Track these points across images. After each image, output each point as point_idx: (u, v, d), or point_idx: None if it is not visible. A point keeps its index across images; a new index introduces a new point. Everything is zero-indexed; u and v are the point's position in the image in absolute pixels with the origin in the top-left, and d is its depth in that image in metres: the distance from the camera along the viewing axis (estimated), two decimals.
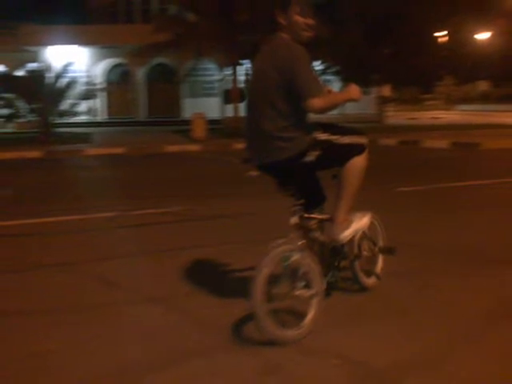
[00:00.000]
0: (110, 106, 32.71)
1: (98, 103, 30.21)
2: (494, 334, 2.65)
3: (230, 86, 18.15)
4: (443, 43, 22.22)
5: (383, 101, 24.35)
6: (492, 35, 35.88)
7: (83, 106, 17.12)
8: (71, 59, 20.79)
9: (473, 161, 10.38)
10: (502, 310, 2.94)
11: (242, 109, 18.66)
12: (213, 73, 33.62)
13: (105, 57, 31.19)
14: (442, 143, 12.50)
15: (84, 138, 15.86)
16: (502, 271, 3.58)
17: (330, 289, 2.78)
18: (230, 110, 17.46)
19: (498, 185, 7.06)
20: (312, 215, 2.80)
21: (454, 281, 3.42)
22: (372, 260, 3.17)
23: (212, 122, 19.46)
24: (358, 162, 2.77)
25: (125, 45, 25.24)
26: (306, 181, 2.76)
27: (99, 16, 36.29)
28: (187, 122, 18.35)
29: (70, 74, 16.90)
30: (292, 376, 2.28)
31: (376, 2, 16.66)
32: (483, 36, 35.59)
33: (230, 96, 18.37)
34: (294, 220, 2.69)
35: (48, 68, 16.44)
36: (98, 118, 30.15)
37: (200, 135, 15.63)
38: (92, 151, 12.86)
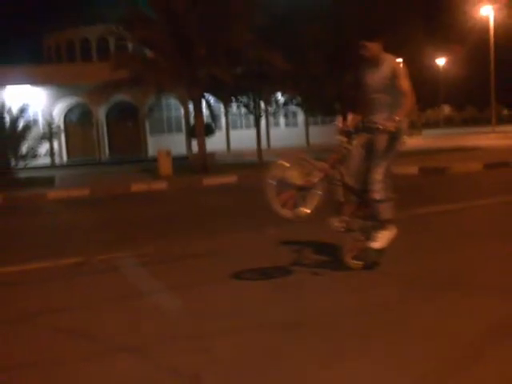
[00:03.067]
0: (70, 147, 32.37)
1: (57, 145, 29.90)
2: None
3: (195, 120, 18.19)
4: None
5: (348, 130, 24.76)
6: (450, 61, 37.32)
7: (43, 148, 16.90)
8: (28, 100, 20.61)
9: (443, 185, 10.66)
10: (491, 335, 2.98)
11: (209, 143, 18.77)
12: (176, 108, 33.79)
13: (63, 96, 30.99)
14: (411, 169, 12.76)
15: (46, 182, 15.58)
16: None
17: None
18: (196, 146, 17.50)
19: (476, 208, 7.26)
20: None
21: (435, 308, 3.46)
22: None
23: (178, 158, 19.44)
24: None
25: (83, 83, 25.15)
26: None
27: (56, 55, 36.31)
28: (152, 160, 18.23)
29: (27, 116, 16.70)
30: None
31: (334, 32, 17.14)
32: (441, 61, 36.98)
33: (194, 131, 18.43)
34: None
35: (5, 110, 16.16)
36: (58, 160, 29.75)
37: (166, 172, 15.56)
38: (55, 195, 12.62)
